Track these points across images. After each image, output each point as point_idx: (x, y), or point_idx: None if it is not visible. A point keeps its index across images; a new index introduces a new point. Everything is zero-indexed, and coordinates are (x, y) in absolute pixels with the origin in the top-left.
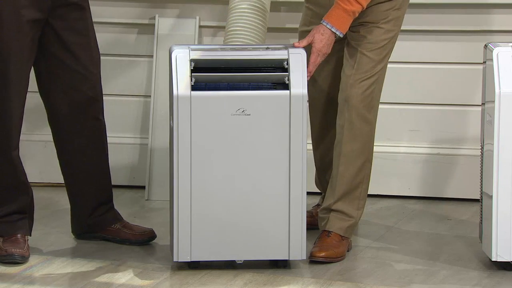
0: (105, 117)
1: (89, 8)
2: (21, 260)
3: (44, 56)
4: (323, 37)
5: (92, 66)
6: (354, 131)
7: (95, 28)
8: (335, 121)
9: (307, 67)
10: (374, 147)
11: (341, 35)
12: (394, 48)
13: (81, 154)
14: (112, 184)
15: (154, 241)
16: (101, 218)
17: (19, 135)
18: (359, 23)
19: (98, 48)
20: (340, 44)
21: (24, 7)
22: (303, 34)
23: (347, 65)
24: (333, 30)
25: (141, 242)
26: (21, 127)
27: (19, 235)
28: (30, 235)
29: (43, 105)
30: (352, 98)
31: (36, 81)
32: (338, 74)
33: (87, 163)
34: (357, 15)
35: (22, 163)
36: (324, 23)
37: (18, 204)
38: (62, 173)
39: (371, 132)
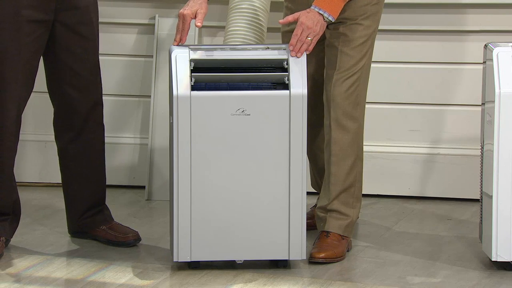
0: (105, 117)
1: (97, 12)
2: None
3: (49, 58)
4: (308, 15)
5: (95, 70)
6: (341, 130)
7: None
8: (323, 121)
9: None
10: (373, 147)
11: (330, 18)
12: (394, 48)
13: (80, 158)
14: (112, 184)
15: (154, 241)
16: (91, 219)
17: (13, 136)
18: (338, 21)
19: (98, 53)
20: (321, 45)
21: (25, 7)
22: (285, 35)
23: (328, 64)
24: (320, 12)
25: (123, 244)
26: (16, 128)
27: None
28: (11, 237)
29: (43, 105)
30: (336, 97)
31: (46, 81)
32: (322, 75)
33: (85, 167)
34: None
35: (13, 174)
36: (312, 7)
37: None
38: (60, 173)
39: (359, 130)
